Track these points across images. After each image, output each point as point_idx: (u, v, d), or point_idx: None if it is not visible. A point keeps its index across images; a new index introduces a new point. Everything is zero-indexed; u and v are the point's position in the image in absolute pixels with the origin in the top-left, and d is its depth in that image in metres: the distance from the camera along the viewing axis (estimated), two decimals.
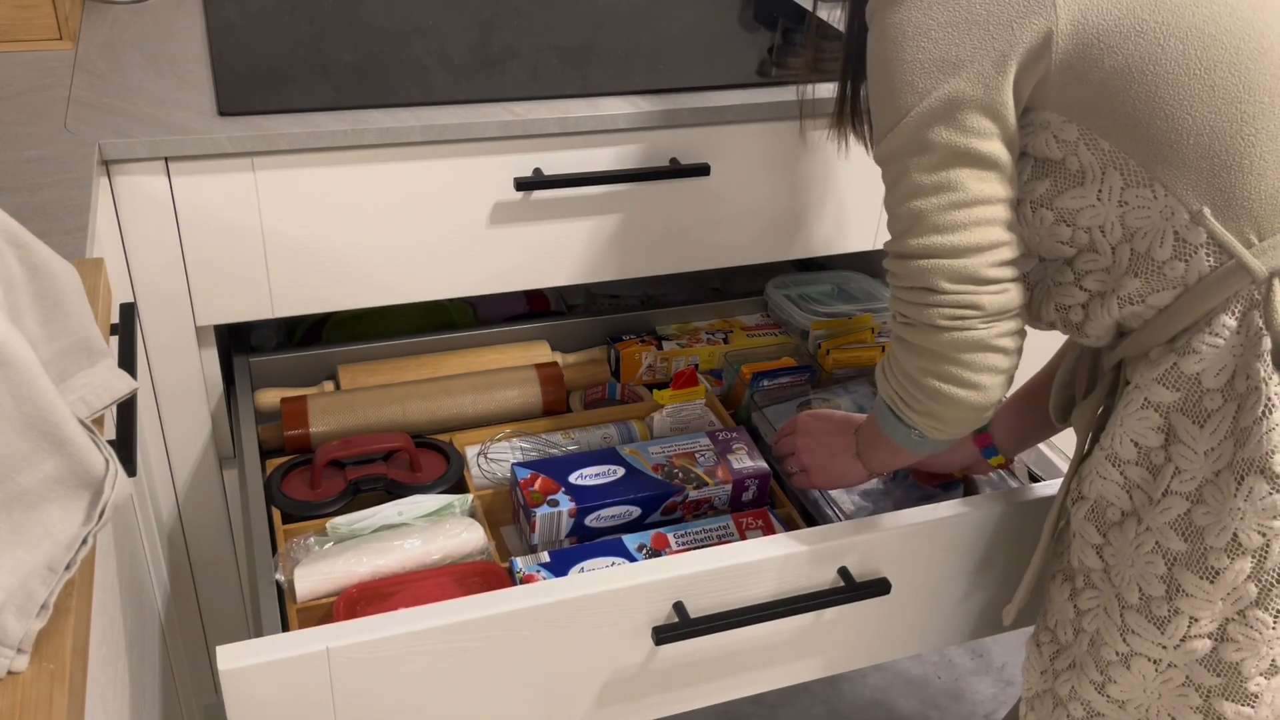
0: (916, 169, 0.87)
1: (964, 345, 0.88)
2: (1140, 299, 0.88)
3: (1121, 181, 0.85)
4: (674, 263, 1.38)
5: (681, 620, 1.01)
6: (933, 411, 0.93)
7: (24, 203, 0.99)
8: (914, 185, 0.87)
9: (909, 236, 0.88)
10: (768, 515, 1.18)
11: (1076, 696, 1.01)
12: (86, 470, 0.61)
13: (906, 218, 0.88)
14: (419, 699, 0.98)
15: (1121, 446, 0.93)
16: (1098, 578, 0.97)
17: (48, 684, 0.58)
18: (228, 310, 1.23)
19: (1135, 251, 0.87)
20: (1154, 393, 0.89)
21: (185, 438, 1.30)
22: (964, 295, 0.87)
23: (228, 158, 1.14)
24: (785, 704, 1.67)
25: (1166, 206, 0.84)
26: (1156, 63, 0.82)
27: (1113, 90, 0.83)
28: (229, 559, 1.41)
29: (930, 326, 0.89)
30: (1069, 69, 0.84)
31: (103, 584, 0.79)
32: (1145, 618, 0.92)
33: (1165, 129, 0.83)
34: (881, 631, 1.15)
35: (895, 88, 0.87)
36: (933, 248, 0.87)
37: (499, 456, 1.27)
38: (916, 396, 0.93)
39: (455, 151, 1.21)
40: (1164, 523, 0.89)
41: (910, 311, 0.90)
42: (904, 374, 0.94)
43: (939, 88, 0.85)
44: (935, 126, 0.85)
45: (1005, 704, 1.69)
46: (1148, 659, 0.93)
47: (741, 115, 1.29)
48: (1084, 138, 0.86)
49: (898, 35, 0.86)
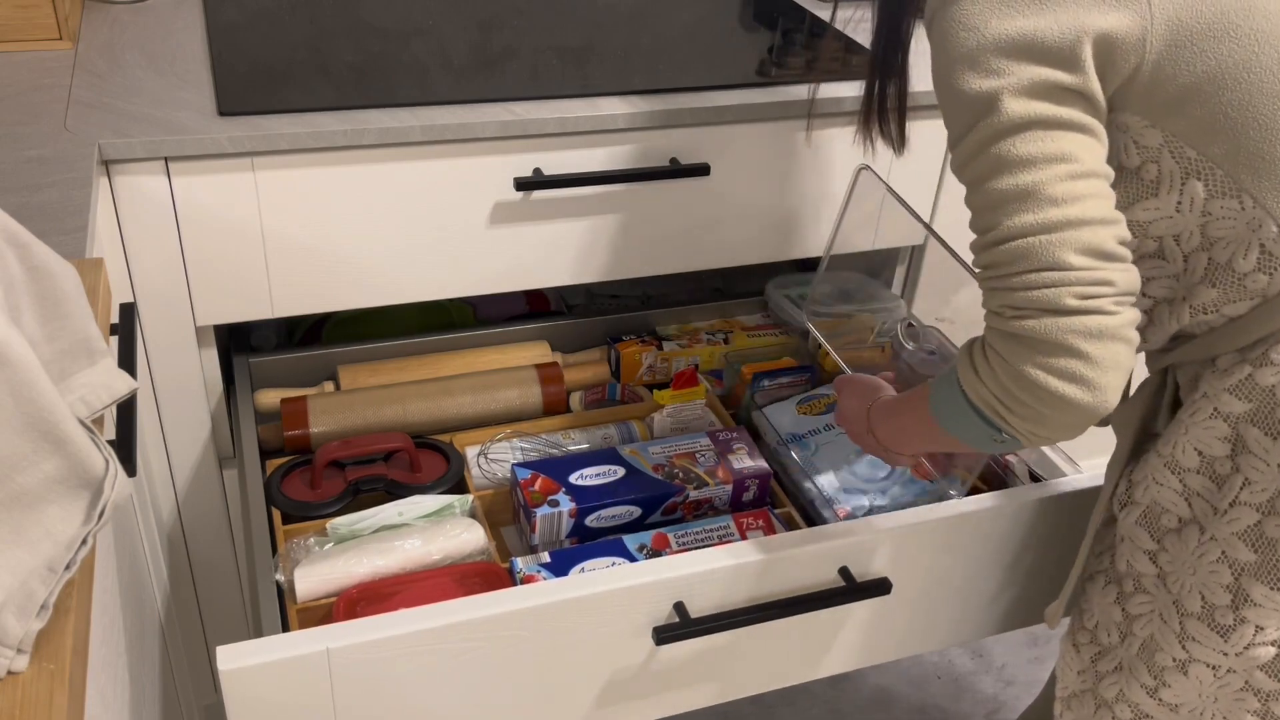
0: (1020, 145, 0.79)
1: (1095, 333, 0.77)
2: (1215, 309, 0.87)
3: (1205, 192, 0.83)
4: (674, 263, 1.38)
5: (682, 620, 1.01)
6: (1040, 417, 0.81)
7: (24, 203, 0.99)
8: (1018, 160, 0.79)
9: (1018, 215, 0.78)
10: (768, 515, 1.18)
11: (1124, 699, 1.00)
12: (86, 470, 0.61)
13: (1013, 196, 0.79)
14: (419, 699, 0.98)
15: (1184, 455, 0.91)
16: (1150, 583, 0.96)
17: (48, 684, 0.58)
18: (228, 310, 1.23)
19: (1213, 261, 0.85)
20: (1224, 402, 0.87)
21: (185, 438, 1.30)
22: (1096, 271, 0.77)
23: (227, 158, 1.14)
24: (785, 704, 1.67)
25: (1255, 219, 0.82)
26: (1250, 70, 0.79)
27: (1203, 95, 0.80)
28: (229, 559, 1.41)
29: (1054, 312, 0.77)
30: (1159, 69, 0.80)
31: (103, 584, 0.79)
32: (1208, 626, 0.91)
33: (1259, 139, 0.80)
34: (881, 631, 1.15)
35: (977, 75, 0.80)
36: (1053, 221, 0.77)
37: (499, 457, 1.27)
38: (1022, 401, 0.81)
39: (455, 151, 1.21)
40: (1231, 533, 0.88)
41: (1021, 301, 0.79)
42: (1010, 376, 0.81)
43: (1028, 70, 0.79)
44: (1033, 102, 0.79)
45: (1005, 704, 1.69)
46: (1207, 665, 0.93)
47: (741, 115, 1.29)
48: (1169, 144, 0.83)
49: (976, 23, 0.80)
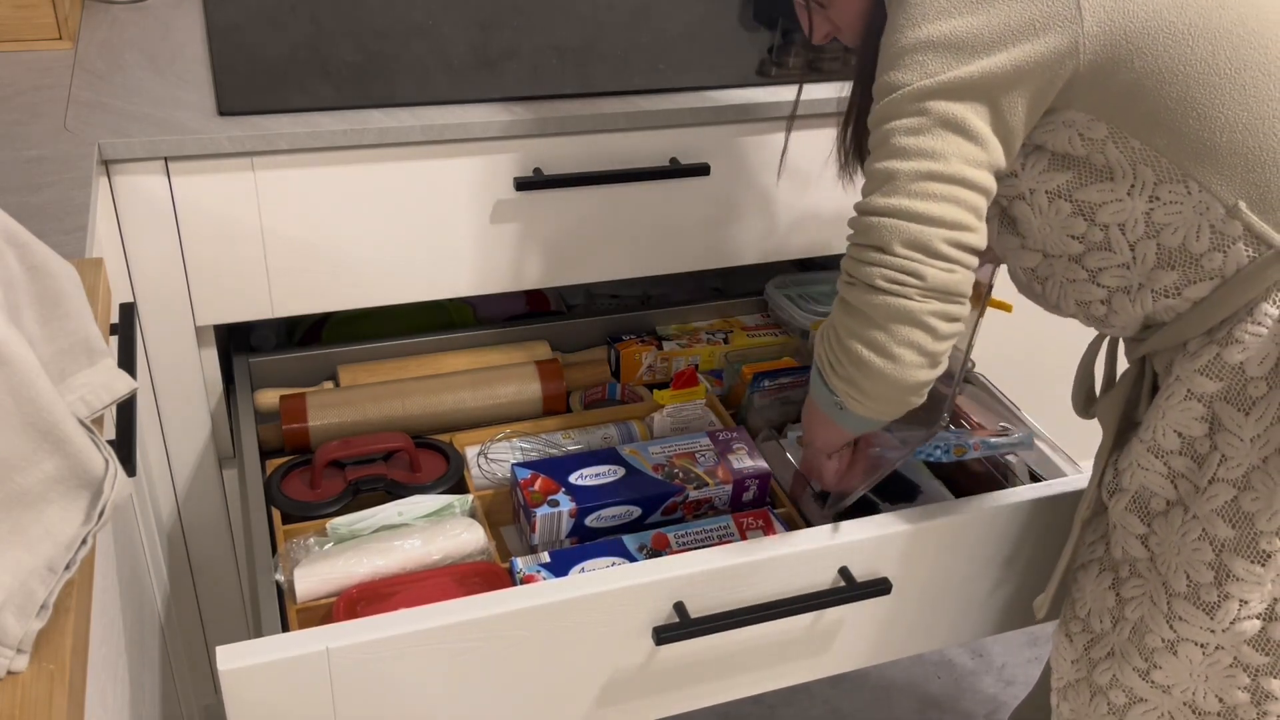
0: (904, 132, 0.85)
1: (895, 313, 0.86)
2: (1176, 292, 0.89)
3: (1155, 177, 0.86)
4: (674, 263, 1.38)
5: (682, 620, 1.01)
6: (853, 379, 0.91)
7: (24, 203, 0.99)
8: (897, 147, 0.86)
9: (877, 195, 0.87)
10: (768, 515, 1.18)
11: (1118, 684, 1.01)
12: (86, 470, 0.61)
13: (881, 176, 0.87)
14: (419, 699, 0.98)
15: (1164, 438, 0.93)
16: (1143, 567, 0.98)
17: (48, 684, 0.58)
18: (227, 310, 1.23)
19: (1164, 246, 0.88)
20: (1196, 384, 0.90)
21: (185, 438, 1.30)
22: (909, 262, 0.85)
23: (227, 157, 1.14)
24: (785, 704, 1.67)
25: (1200, 202, 0.86)
26: (1186, 63, 0.83)
27: (1143, 90, 0.84)
28: (229, 559, 1.41)
29: (868, 286, 0.87)
30: (1097, 70, 0.84)
31: (103, 584, 0.79)
32: (1193, 604, 0.93)
33: (1198, 128, 0.84)
34: (881, 631, 1.15)
35: (903, 62, 0.86)
36: (896, 209, 0.85)
37: (499, 456, 1.27)
38: (840, 360, 0.92)
39: (455, 151, 1.21)
40: (1210, 510, 0.90)
41: (854, 269, 0.89)
42: (833, 333, 0.92)
43: (948, 71, 0.84)
44: (934, 99, 0.84)
45: (1005, 704, 1.69)
46: (1195, 644, 0.94)
47: (741, 115, 1.29)
48: (1113, 136, 0.87)
49: (917, 13, 0.85)
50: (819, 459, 1.12)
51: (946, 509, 1.10)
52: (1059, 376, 1.30)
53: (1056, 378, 1.37)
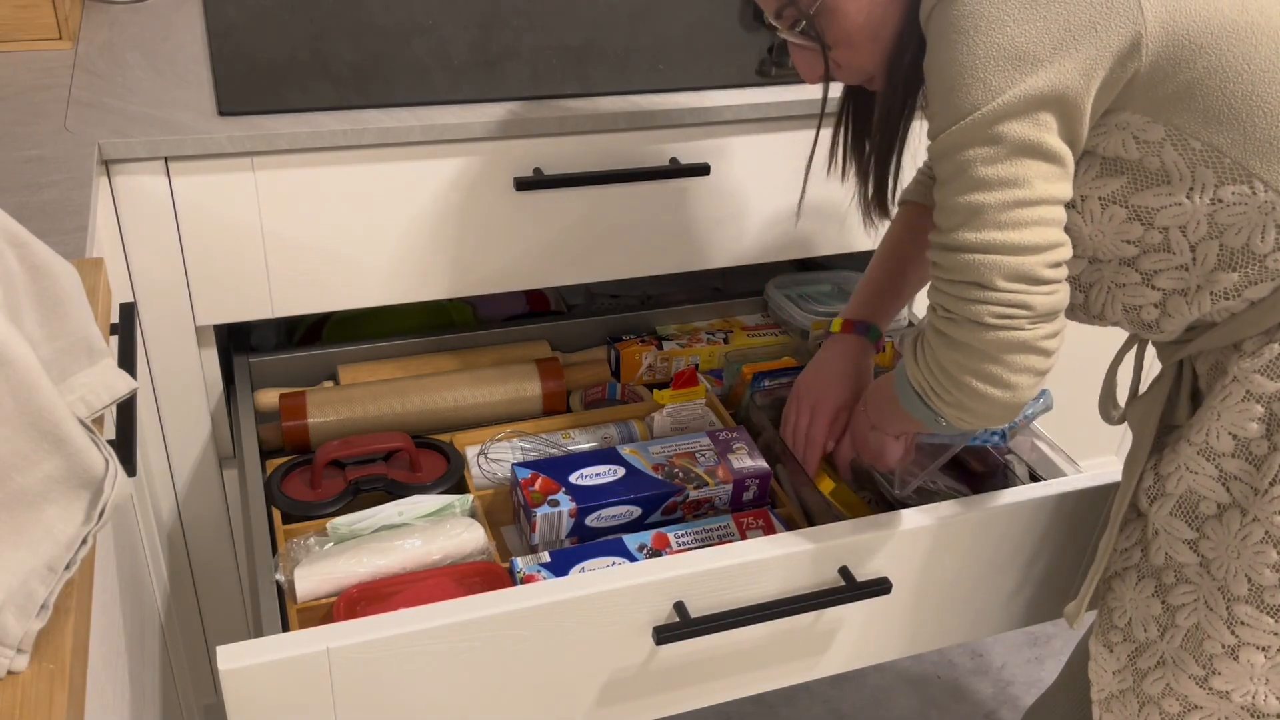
0: (981, 162, 0.84)
1: (1008, 345, 0.87)
2: (1236, 293, 0.89)
3: (1216, 179, 0.85)
4: (674, 263, 1.38)
5: (682, 620, 1.01)
6: (963, 405, 0.92)
7: (24, 203, 0.99)
8: (976, 179, 0.84)
9: (964, 230, 0.85)
10: (768, 515, 1.18)
11: (1172, 693, 1.00)
12: (86, 470, 0.61)
13: (964, 211, 0.85)
14: (419, 699, 0.98)
15: (1218, 440, 0.92)
16: (1193, 572, 0.96)
17: (48, 684, 0.58)
18: (227, 310, 1.23)
19: (1226, 247, 0.87)
20: (1255, 384, 0.90)
21: (185, 438, 1.30)
22: (1016, 294, 0.85)
23: (227, 157, 1.14)
24: (785, 704, 1.67)
25: (1266, 202, 0.85)
26: (1251, 62, 0.82)
27: (1205, 89, 0.83)
28: (229, 559, 1.41)
29: (975, 323, 0.87)
30: (1157, 69, 0.83)
31: (103, 584, 0.79)
32: (1256, 607, 0.92)
33: (1265, 125, 0.83)
34: (882, 631, 1.15)
35: (964, 82, 0.83)
36: (991, 244, 0.84)
37: (499, 456, 1.27)
38: (948, 389, 0.92)
39: (455, 151, 1.21)
40: (1274, 512, 0.89)
41: (954, 306, 0.88)
42: (939, 366, 0.92)
43: (1014, 85, 0.82)
44: (1007, 122, 0.83)
45: (1005, 704, 1.70)
46: (1257, 647, 0.93)
47: (741, 115, 1.29)
48: (1171, 138, 0.85)
49: (968, 27, 0.82)
50: (885, 442, 1.13)
51: (947, 509, 1.11)
52: (1058, 376, 1.30)
53: (1056, 377, 1.37)
